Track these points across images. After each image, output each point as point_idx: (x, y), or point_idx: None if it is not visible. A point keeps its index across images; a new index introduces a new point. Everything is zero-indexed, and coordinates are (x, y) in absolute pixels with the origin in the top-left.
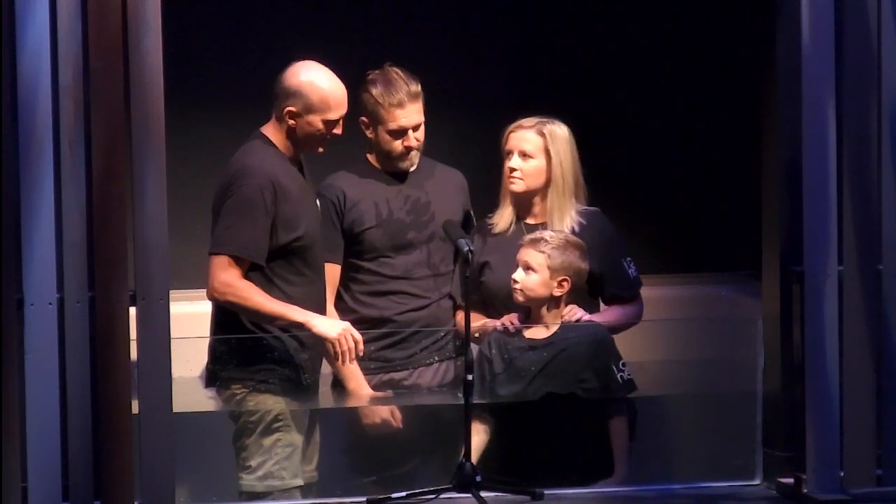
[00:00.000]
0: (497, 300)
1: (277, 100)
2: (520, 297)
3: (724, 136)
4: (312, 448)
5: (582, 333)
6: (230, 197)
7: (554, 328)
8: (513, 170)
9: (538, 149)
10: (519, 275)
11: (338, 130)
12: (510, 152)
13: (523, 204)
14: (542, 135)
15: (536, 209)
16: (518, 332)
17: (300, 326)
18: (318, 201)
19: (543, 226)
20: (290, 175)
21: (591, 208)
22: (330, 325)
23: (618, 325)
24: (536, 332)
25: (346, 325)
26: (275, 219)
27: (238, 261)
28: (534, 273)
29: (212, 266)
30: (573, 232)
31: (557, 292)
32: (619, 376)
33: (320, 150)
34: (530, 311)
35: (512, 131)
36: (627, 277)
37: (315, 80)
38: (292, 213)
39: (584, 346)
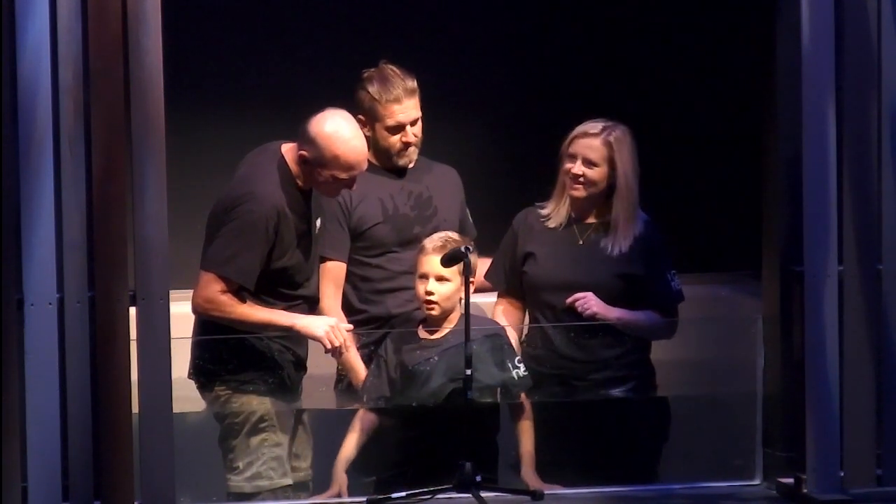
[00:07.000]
0: (539, 292)
1: (298, 138)
2: (435, 312)
3: (725, 136)
4: (305, 447)
5: (476, 330)
6: (235, 219)
7: (449, 326)
8: (577, 176)
9: (603, 157)
10: (433, 286)
11: (353, 188)
12: (574, 157)
13: (581, 206)
14: (609, 144)
15: (594, 211)
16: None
17: (287, 330)
18: (318, 220)
19: (595, 227)
20: (296, 202)
21: (643, 216)
22: (315, 323)
23: (643, 329)
24: (430, 332)
25: (332, 320)
26: (272, 247)
27: (227, 281)
28: (448, 282)
29: (200, 281)
30: (633, 238)
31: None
32: (514, 373)
33: (331, 196)
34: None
35: (577, 136)
36: (669, 291)
37: (334, 135)
38: (288, 243)
39: (477, 343)
